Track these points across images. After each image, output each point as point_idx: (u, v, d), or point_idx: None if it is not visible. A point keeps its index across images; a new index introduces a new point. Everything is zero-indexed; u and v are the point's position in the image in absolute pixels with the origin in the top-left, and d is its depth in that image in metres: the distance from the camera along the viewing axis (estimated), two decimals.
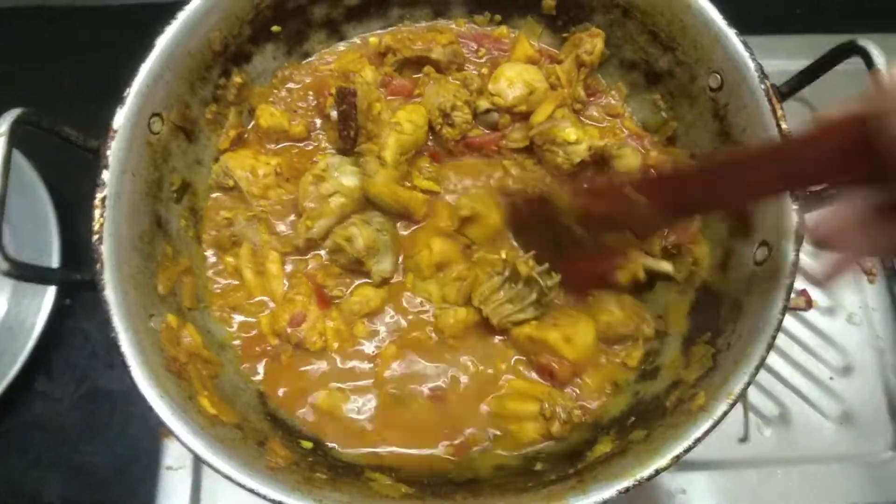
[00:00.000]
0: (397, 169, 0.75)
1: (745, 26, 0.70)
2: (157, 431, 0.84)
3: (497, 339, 0.74)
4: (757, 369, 0.59)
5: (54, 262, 0.87)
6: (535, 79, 0.79)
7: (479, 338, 0.74)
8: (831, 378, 0.86)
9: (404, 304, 0.76)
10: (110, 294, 0.61)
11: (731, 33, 0.70)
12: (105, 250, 0.61)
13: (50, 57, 1.08)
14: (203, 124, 0.76)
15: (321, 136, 0.81)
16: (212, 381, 0.67)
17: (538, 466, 0.67)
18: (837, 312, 0.88)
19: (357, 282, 0.76)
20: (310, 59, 0.84)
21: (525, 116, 0.80)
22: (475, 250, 0.77)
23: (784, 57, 0.87)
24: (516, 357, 0.74)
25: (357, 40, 0.85)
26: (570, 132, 0.75)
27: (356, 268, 0.74)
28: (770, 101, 0.67)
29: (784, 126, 0.66)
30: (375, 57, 0.83)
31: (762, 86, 0.67)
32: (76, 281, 0.63)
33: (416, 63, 0.82)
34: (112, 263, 0.62)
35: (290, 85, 0.82)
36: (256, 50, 0.79)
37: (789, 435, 0.84)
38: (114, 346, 0.59)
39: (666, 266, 0.74)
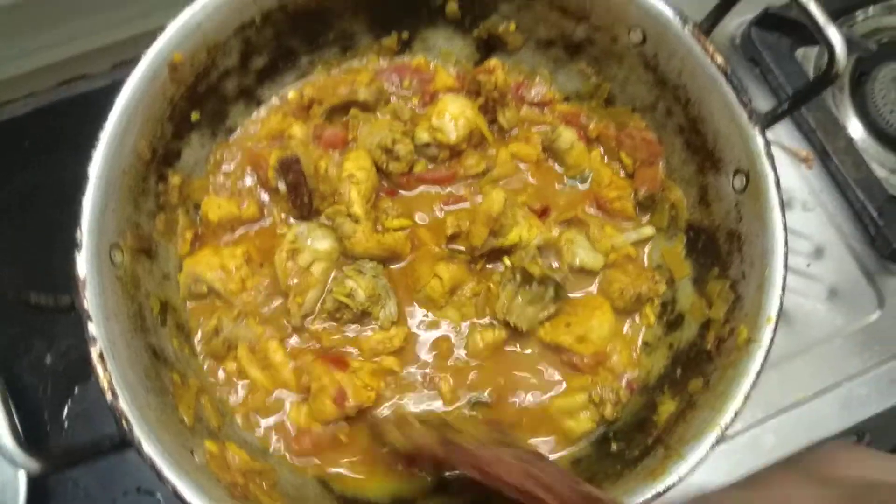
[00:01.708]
0: (369, 219, 0.74)
1: None
2: None
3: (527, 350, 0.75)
4: (783, 288, 0.63)
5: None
6: (476, 118, 0.79)
7: (510, 349, 0.74)
8: (808, 265, 0.92)
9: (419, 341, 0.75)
10: (150, 448, 0.56)
11: None
12: (124, 406, 0.57)
13: None
14: (157, 237, 0.71)
15: (274, 209, 0.78)
16: (274, 489, 0.64)
17: (614, 447, 0.69)
18: (792, 205, 0.94)
19: (366, 329, 0.74)
20: (235, 134, 0.80)
21: (460, 152, 0.80)
22: (477, 263, 0.76)
23: None
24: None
25: (276, 100, 0.82)
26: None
27: (361, 319, 0.73)
28: (699, 40, 0.70)
29: (719, 60, 0.69)
30: (299, 111, 0.81)
31: (686, 29, 0.70)
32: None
33: (342, 109, 0.80)
34: (136, 416, 0.57)
35: (226, 167, 0.78)
36: (183, 144, 0.74)
37: (792, 329, 0.89)
38: (176, 498, 0.56)
39: (648, 231, 0.77)
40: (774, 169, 0.66)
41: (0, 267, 1.03)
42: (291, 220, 0.77)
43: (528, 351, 0.74)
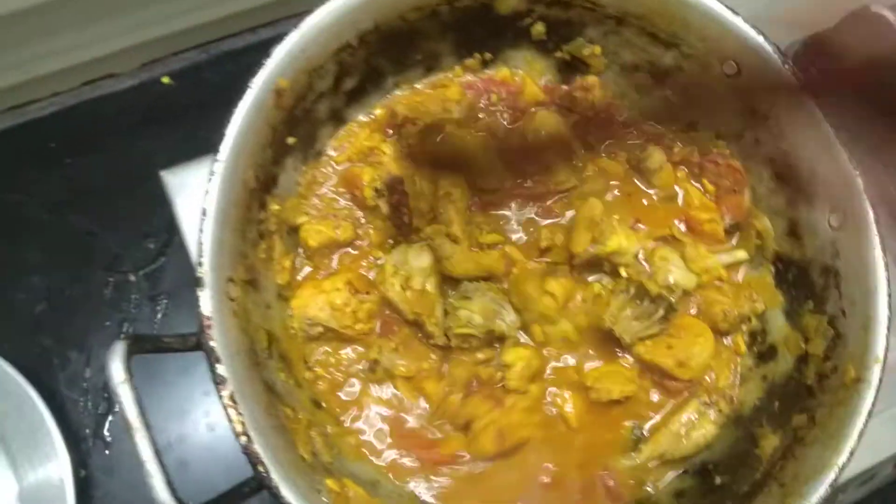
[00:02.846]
0: (466, 238, 0.74)
1: None
2: None
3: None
4: (889, 328, 0.65)
5: None
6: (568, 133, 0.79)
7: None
8: None
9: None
10: (287, 493, 0.56)
11: (738, 21, 0.72)
12: (259, 450, 0.56)
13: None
14: (259, 266, 0.70)
15: (370, 230, 0.77)
16: None
17: (718, 480, 0.70)
18: None
19: (497, 349, 0.74)
20: (323, 156, 0.78)
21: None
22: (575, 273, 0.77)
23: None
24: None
25: (362, 117, 0.80)
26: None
27: (491, 343, 0.73)
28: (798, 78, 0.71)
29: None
30: (386, 128, 0.79)
31: (787, 66, 0.71)
32: None
33: (435, 127, 0.79)
34: (270, 459, 0.57)
35: (319, 189, 0.77)
36: (279, 170, 0.73)
37: None
38: None
39: (741, 254, 0.78)
40: (874, 208, 0.68)
41: (29, 275, 1.00)
42: (389, 241, 0.76)
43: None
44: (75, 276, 1.00)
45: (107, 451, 0.91)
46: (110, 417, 0.94)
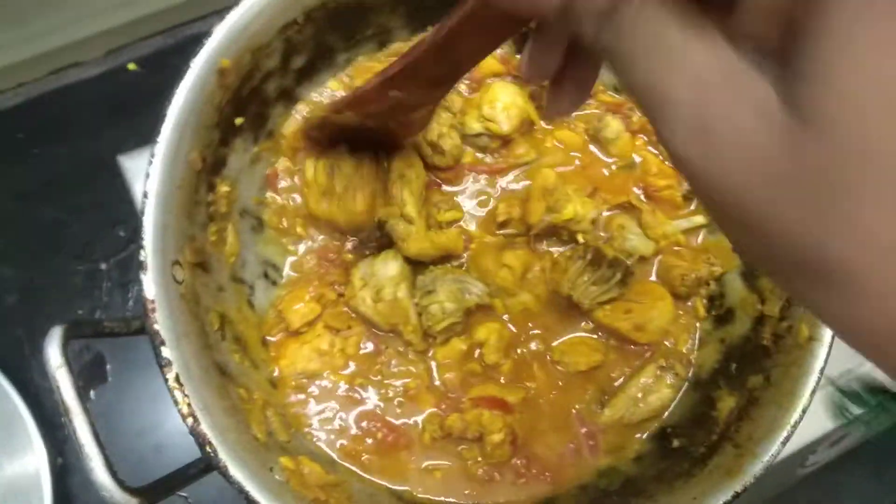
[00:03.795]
0: (422, 217, 0.73)
1: None
2: None
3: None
4: None
5: None
6: (527, 106, 0.78)
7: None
8: None
9: None
10: (236, 472, 0.56)
11: None
12: (206, 430, 0.56)
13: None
14: (209, 248, 0.70)
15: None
16: (350, 501, 0.65)
17: (675, 443, 0.71)
18: None
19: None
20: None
21: (509, 141, 0.80)
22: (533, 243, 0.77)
23: None
24: None
25: (315, 95, 0.80)
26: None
27: (467, 319, 0.73)
28: None
29: None
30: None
31: None
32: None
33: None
34: (218, 439, 0.57)
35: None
36: (228, 151, 0.72)
37: None
38: None
39: (699, 219, 0.78)
40: None
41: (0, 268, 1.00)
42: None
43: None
44: (46, 265, 1.00)
45: None
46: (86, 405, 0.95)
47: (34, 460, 0.87)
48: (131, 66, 1.10)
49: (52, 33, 1.06)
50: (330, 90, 0.80)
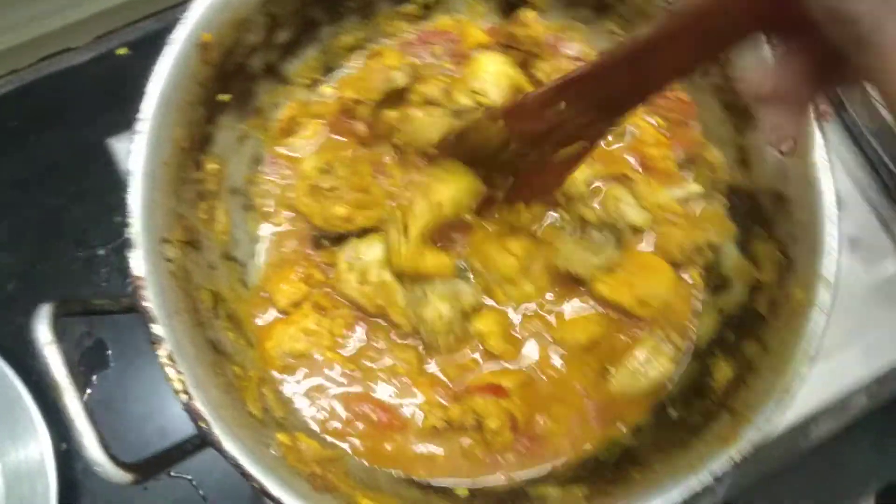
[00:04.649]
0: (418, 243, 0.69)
1: None
2: None
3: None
4: (839, 251, 0.64)
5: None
6: (517, 74, 0.77)
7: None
8: None
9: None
10: (231, 447, 0.56)
11: None
12: (200, 407, 0.56)
13: None
14: (200, 227, 0.69)
15: None
16: (350, 478, 0.65)
17: (673, 414, 0.70)
18: None
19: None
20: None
21: None
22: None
23: None
24: None
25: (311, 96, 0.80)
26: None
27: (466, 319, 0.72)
28: None
29: None
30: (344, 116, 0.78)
31: None
32: None
33: (386, 102, 0.77)
34: (213, 416, 0.57)
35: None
36: (214, 128, 0.71)
37: None
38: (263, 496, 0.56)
39: (695, 188, 0.77)
40: (821, 130, 0.66)
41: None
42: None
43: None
44: (45, 252, 1.00)
45: None
46: (88, 390, 0.95)
47: (38, 446, 0.87)
48: (122, 51, 1.09)
49: (41, 19, 1.06)
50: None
